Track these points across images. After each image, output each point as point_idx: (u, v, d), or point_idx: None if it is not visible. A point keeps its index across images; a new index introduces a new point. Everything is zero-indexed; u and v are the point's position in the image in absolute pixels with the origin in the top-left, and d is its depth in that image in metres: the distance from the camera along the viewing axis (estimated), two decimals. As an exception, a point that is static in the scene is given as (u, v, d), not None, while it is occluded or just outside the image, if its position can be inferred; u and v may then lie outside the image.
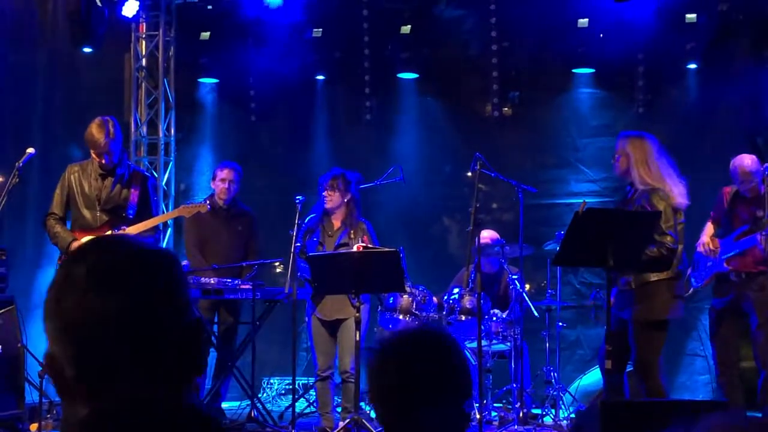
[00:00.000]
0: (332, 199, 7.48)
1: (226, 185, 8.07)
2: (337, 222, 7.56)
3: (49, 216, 7.25)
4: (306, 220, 7.67)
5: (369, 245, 7.28)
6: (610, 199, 9.21)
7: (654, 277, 6.27)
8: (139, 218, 7.14)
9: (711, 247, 7.35)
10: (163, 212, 9.14)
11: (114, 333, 1.48)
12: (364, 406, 7.86)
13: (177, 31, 10.25)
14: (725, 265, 7.27)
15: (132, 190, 7.19)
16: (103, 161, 7.08)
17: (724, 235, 7.39)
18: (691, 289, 7.53)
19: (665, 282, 6.30)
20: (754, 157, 7.37)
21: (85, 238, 6.96)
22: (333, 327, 7.47)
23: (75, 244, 6.97)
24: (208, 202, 7.78)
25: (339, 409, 7.78)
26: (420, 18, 9.74)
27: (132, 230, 7.03)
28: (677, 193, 6.36)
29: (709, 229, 7.48)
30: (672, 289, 6.34)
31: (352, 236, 7.44)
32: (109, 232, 7.02)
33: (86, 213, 7.15)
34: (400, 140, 10.17)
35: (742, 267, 7.26)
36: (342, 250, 7.35)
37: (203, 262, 8.05)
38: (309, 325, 7.58)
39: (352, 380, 7.25)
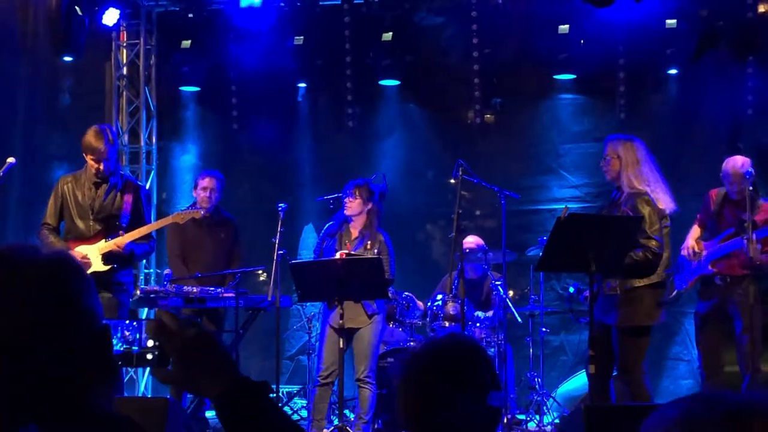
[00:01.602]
0: (351, 206, 7.45)
1: (208, 194, 8.05)
2: (355, 231, 7.52)
3: (43, 226, 7.21)
4: (326, 227, 7.67)
5: (352, 253, 7.26)
6: (592, 204, 9.24)
7: (639, 282, 6.29)
8: (131, 227, 7.12)
9: (696, 249, 7.35)
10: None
11: (4, 358, 1.44)
12: (348, 414, 7.84)
13: (158, 39, 10.24)
14: (710, 267, 7.28)
15: (125, 199, 7.17)
16: (101, 168, 7.05)
17: (710, 238, 7.39)
18: (675, 292, 7.54)
19: (650, 288, 6.32)
20: (747, 159, 7.35)
21: (79, 248, 6.95)
22: (345, 335, 7.39)
23: None
24: (201, 209, 7.74)
25: (335, 421, 7.69)
26: (401, 25, 9.74)
27: (126, 238, 7.01)
28: (664, 198, 6.39)
29: (694, 232, 7.48)
30: (656, 296, 6.37)
31: (368, 246, 7.41)
32: (102, 241, 7.00)
33: (79, 223, 7.12)
34: (382, 147, 10.17)
35: (727, 270, 7.25)
36: None
37: (185, 270, 8.03)
38: (322, 331, 7.51)
39: (367, 387, 7.23)
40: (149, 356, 5.62)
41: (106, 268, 6.99)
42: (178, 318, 1.85)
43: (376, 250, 7.34)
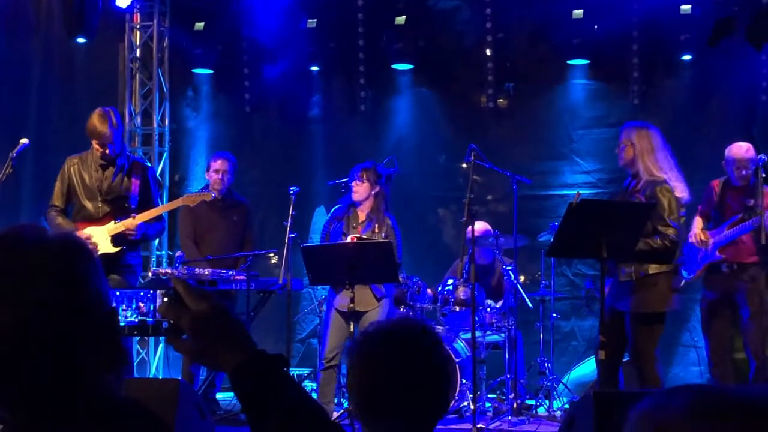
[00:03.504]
0: (358, 190, 7.45)
1: (220, 176, 8.06)
2: (362, 214, 7.53)
3: (50, 208, 7.23)
4: (332, 210, 7.68)
5: (364, 237, 7.27)
6: (604, 190, 9.21)
7: (654, 269, 6.28)
8: (140, 209, 7.14)
9: (702, 238, 7.33)
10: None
11: (14, 344, 1.43)
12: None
13: (171, 21, 10.23)
14: (718, 254, 7.26)
15: (133, 180, 7.19)
16: (107, 151, 7.06)
17: (714, 227, 7.38)
18: (683, 281, 7.53)
19: (664, 275, 6.32)
20: (749, 144, 7.34)
21: (88, 229, 6.97)
22: (352, 318, 7.38)
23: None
24: (212, 191, 7.74)
25: (345, 403, 7.71)
26: (415, 9, 9.72)
27: (136, 220, 7.03)
28: (680, 186, 6.39)
29: (698, 222, 7.48)
30: (670, 282, 6.36)
31: (375, 230, 7.41)
32: (112, 222, 7.02)
33: (88, 204, 7.14)
34: (394, 131, 10.16)
35: (735, 257, 7.24)
36: None
37: (197, 252, 8.04)
38: (327, 314, 7.53)
39: None
40: (164, 325, 5.65)
41: (116, 250, 7.02)
42: (192, 288, 1.82)
43: (383, 234, 7.34)
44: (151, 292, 6.14)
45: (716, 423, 1.02)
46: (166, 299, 1.73)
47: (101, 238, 7.01)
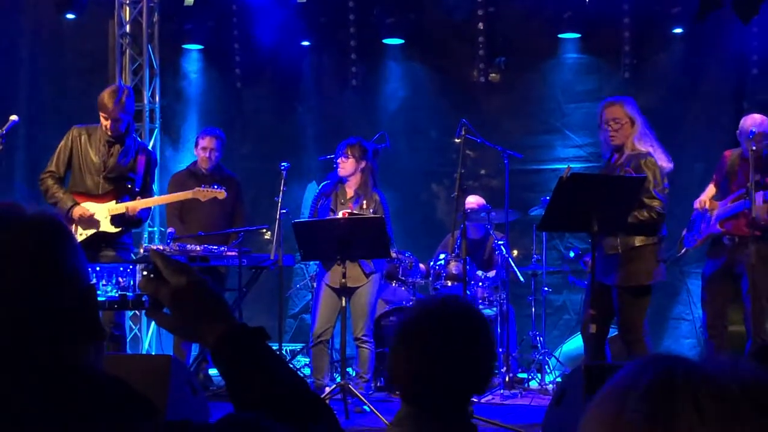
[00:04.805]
0: (345, 166, 7.42)
1: (207, 154, 8.04)
2: (350, 190, 7.50)
3: (47, 174, 7.11)
4: (320, 186, 7.66)
5: (355, 213, 7.27)
6: (596, 164, 9.21)
7: (639, 242, 6.29)
8: (141, 192, 7.14)
9: (707, 206, 7.31)
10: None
11: None
12: (351, 372, 7.88)
13: (161, -4, 10.17)
14: (718, 227, 7.25)
15: (138, 161, 7.17)
16: (109, 126, 7.05)
17: (721, 198, 7.37)
18: (684, 249, 7.53)
19: (649, 247, 6.32)
20: (763, 117, 7.27)
21: (87, 204, 6.95)
22: (343, 294, 7.37)
23: (77, 210, 6.92)
24: (224, 189, 7.64)
25: (338, 378, 7.72)
26: (406, -18, 9.69)
27: (139, 204, 7.03)
28: (663, 156, 6.38)
29: (710, 190, 7.45)
30: (655, 254, 6.37)
31: (364, 206, 7.39)
32: (113, 201, 7.01)
33: (87, 178, 7.09)
34: (386, 106, 10.15)
35: (736, 230, 7.22)
36: None
37: (183, 229, 8.02)
38: (318, 290, 7.52)
39: (365, 345, 7.26)
40: (144, 299, 5.66)
41: (117, 230, 7.01)
42: (171, 262, 1.79)
43: (372, 210, 7.33)
44: (131, 266, 6.12)
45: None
46: (145, 273, 1.72)
47: (101, 216, 6.99)
